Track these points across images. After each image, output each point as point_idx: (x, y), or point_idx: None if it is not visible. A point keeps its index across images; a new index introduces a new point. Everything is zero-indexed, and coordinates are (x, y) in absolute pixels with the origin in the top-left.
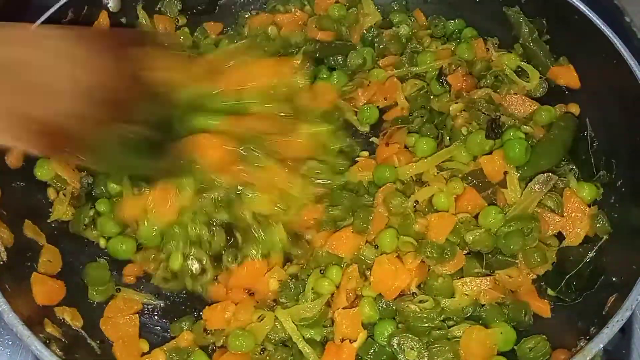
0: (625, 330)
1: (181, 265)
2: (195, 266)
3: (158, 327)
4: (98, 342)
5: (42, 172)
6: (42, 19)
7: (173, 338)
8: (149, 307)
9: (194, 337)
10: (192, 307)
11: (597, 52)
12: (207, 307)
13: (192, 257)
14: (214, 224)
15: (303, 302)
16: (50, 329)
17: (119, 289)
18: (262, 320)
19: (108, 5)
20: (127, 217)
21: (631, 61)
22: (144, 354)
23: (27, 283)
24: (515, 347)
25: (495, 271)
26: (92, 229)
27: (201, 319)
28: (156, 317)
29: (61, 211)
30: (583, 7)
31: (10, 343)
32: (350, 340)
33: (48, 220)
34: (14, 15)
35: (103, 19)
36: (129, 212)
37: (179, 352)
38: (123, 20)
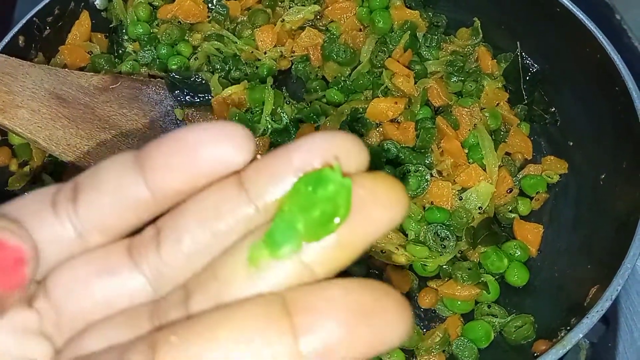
0: (611, 323)
1: None
2: None
3: None
4: None
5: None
6: (29, 15)
7: None
8: None
9: None
10: None
11: (580, 45)
12: None
13: None
14: None
15: None
16: None
17: None
18: None
19: (95, 3)
20: None
21: (614, 55)
22: None
23: None
24: (503, 323)
25: None
26: None
27: None
28: None
29: (15, 182)
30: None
31: None
32: None
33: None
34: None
35: (84, 19)
36: None
37: None
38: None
